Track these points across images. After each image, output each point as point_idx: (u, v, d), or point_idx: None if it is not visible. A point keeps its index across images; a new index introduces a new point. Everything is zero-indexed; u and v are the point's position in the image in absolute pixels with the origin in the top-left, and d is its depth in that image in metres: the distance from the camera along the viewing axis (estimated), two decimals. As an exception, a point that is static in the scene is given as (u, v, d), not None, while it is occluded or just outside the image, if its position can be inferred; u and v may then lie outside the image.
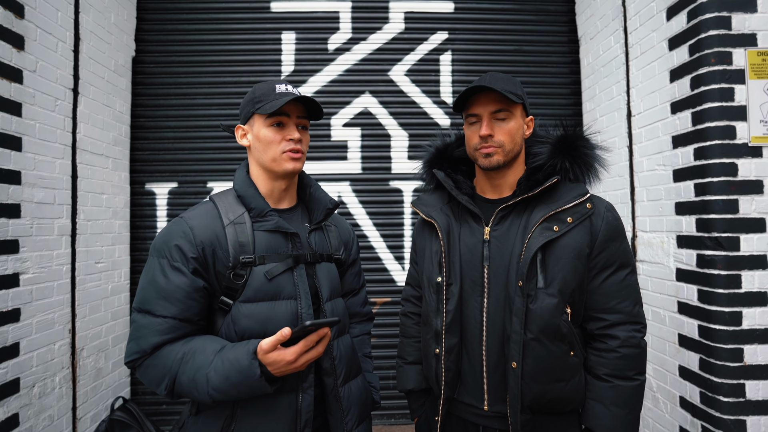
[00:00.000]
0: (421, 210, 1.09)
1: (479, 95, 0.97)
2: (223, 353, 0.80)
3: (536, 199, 0.97)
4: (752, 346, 1.57)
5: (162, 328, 0.83)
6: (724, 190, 1.61)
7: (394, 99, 2.67)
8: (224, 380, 0.78)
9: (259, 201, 0.93)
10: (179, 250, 0.85)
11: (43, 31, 1.84)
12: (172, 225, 0.89)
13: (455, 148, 1.14)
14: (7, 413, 1.61)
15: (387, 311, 2.61)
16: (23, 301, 1.71)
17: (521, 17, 2.71)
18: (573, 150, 0.99)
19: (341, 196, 2.64)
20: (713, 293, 1.61)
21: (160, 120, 2.60)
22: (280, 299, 0.89)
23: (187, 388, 0.81)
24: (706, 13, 1.65)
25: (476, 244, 0.99)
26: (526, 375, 0.90)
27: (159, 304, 0.84)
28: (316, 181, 1.09)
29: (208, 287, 0.87)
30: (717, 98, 1.62)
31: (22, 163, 1.72)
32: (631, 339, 0.93)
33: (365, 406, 1.01)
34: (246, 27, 2.65)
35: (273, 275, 0.88)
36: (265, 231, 0.91)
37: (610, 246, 0.95)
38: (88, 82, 2.14)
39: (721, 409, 1.58)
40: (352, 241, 1.14)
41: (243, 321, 0.86)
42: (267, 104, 0.90)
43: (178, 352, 0.82)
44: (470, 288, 0.99)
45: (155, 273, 0.86)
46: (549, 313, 0.89)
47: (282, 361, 0.78)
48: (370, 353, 1.18)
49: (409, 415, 2.54)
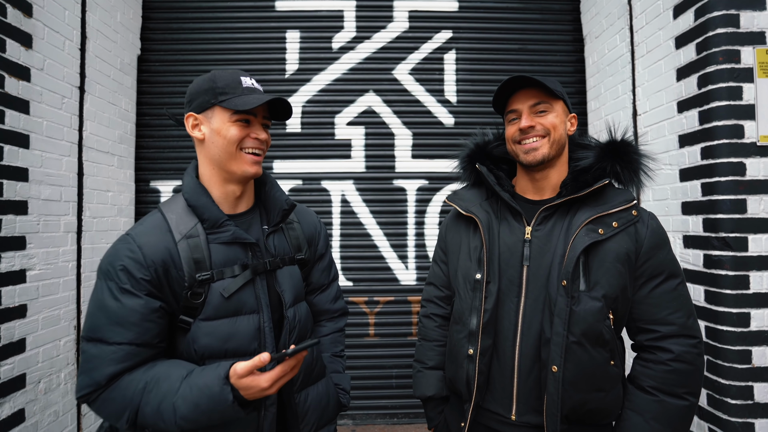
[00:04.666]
0: (459, 205, 1.05)
1: (518, 92, 0.96)
2: (191, 379, 0.74)
3: (580, 201, 0.94)
4: (760, 348, 1.55)
5: (117, 357, 0.75)
6: (732, 189, 1.59)
7: (398, 98, 2.67)
8: (193, 408, 0.72)
9: (213, 210, 0.84)
10: (127, 273, 0.77)
11: (51, 30, 1.86)
12: (119, 243, 0.81)
13: (495, 146, 1.11)
14: (13, 408, 1.62)
15: (390, 310, 2.61)
16: (30, 297, 1.73)
17: (526, 16, 2.70)
18: (624, 155, 0.97)
19: (345, 195, 2.64)
20: (720, 294, 1.60)
21: (165, 118, 2.61)
22: (242, 314, 0.84)
23: (151, 419, 0.74)
24: (713, 11, 1.63)
25: (516, 243, 0.96)
26: (567, 381, 0.86)
27: (112, 330, 0.76)
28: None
29: (165, 307, 0.80)
30: (725, 97, 1.61)
31: (30, 160, 1.74)
32: (686, 354, 0.88)
33: (326, 410, 0.97)
34: (250, 26, 2.66)
35: (230, 292, 0.82)
36: (221, 243, 0.84)
37: (657, 254, 0.91)
38: (95, 80, 2.16)
39: (728, 411, 1.56)
40: (318, 236, 1.06)
41: (203, 339, 0.80)
42: (235, 99, 0.83)
43: (140, 381, 0.75)
44: (507, 288, 0.95)
45: (104, 297, 0.77)
46: (593, 317, 0.86)
47: (256, 387, 0.72)
48: (342, 352, 1.12)
49: (411, 415, 2.55)
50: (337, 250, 2.61)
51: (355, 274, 2.61)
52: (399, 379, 2.55)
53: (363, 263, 2.62)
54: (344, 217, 2.63)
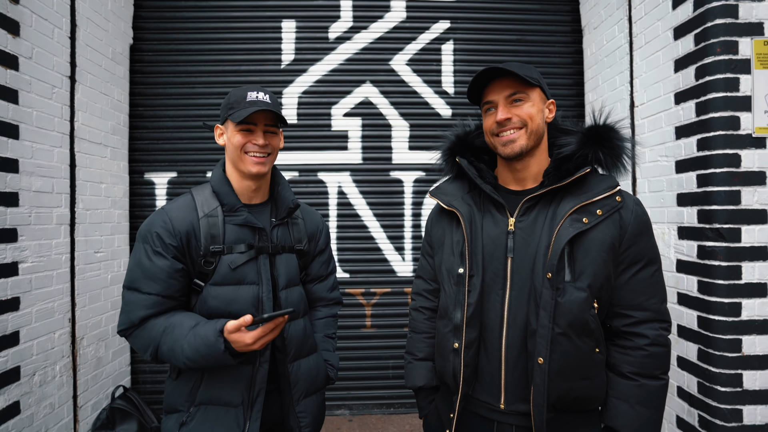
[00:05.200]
0: (441, 199, 1.05)
1: (493, 83, 0.95)
2: (196, 329, 0.94)
3: (564, 190, 0.94)
4: (750, 337, 1.58)
5: (148, 303, 0.97)
6: (727, 181, 1.60)
7: (395, 89, 2.64)
8: (195, 352, 0.92)
9: (231, 198, 1.05)
10: (159, 238, 0.98)
11: (39, 17, 1.81)
12: (155, 215, 1.03)
13: (476, 136, 1.09)
14: (8, 401, 1.62)
15: (386, 302, 2.62)
16: (22, 289, 1.71)
17: (524, 6, 2.68)
18: (605, 141, 0.96)
19: (341, 187, 2.63)
20: (713, 284, 1.62)
21: (158, 109, 2.57)
22: (244, 284, 1.03)
23: (167, 355, 0.97)
24: (712, 1, 1.62)
25: (500, 235, 0.96)
26: (553, 371, 0.87)
27: (145, 282, 0.98)
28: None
29: (185, 269, 1.01)
30: (722, 88, 1.61)
31: (20, 152, 1.71)
32: (659, 338, 0.91)
33: (314, 381, 1.14)
34: (246, 15, 2.61)
35: (236, 265, 1.02)
36: (234, 225, 1.04)
37: (640, 241, 0.92)
38: (86, 69, 2.11)
39: (718, 398, 1.59)
40: (319, 233, 1.24)
41: (211, 301, 1.00)
42: (237, 112, 1.01)
43: (161, 325, 0.97)
44: (491, 280, 0.95)
45: (141, 256, 0.99)
46: (578, 307, 0.86)
47: (242, 342, 0.91)
48: (334, 334, 1.30)
49: (407, 405, 2.57)
50: (334, 242, 2.60)
51: (352, 266, 2.62)
52: (395, 370, 2.57)
53: (360, 255, 2.62)
54: (341, 209, 2.62)
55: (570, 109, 2.67)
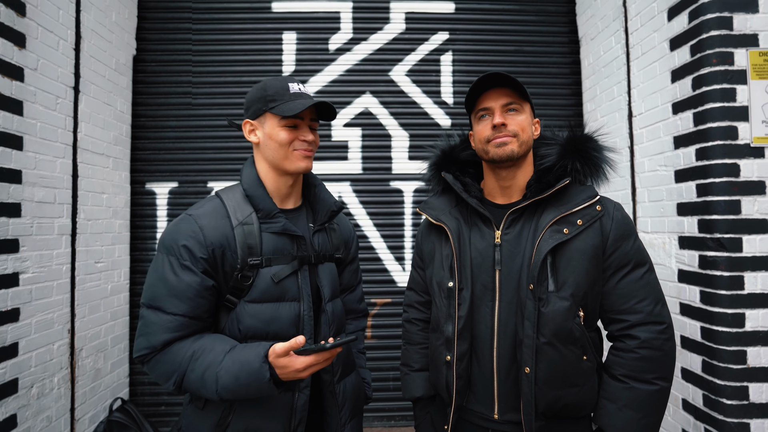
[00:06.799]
0: (429, 214, 1.07)
1: (489, 91, 0.97)
2: (233, 354, 0.82)
3: (546, 201, 0.96)
4: (755, 348, 1.56)
5: (172, 326, 0.84)
6: (727, 190, 1.60)
7: (394, 99, 2.67)
8: (234, 380, 0.80)
9: (268, 202, 0.93)
10: (188, 251, 0.85)
11: (45, 29, 1.84)
12: (181, 222, 0.89)
13: (461, 150, 1.11)
14: (5, 414, 1.60)
15: (387, 312, 2.60)
16: (22, 300, 1.71)
17: (522, 18, 2.72)
18: (582, 151, 0.98)
19: (342, 196, 2.64)
20: (716, 295, 1.61)
21: (160, 119, 2.60)
22: (285, 301, 0.90)
23: (195, 385, 0.82)
24: (707, 13, 1.64)
25: (487, 248, 0.97)
26: (540, 380, 0.88)
27: (170, 301, 0.84)
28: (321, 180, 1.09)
29: (216, 286, 0.88)
30: (719, 99, 1.62)
31: (23, 162, 1.72)
32: (653, 340, 0.89)
33: (359, 401, 1.04)
34: (247, 27, 2.65)
35: (280, 278, 0.89)
36: (272, 233, 0.92)
37: (623, 245, 0.93)
38: (89, 80, 2.14)
39: (724, 411, 1.57)
40: (352, 240, 1.16)
41: (247, 320, 0.87)
42: (282, 105, 0.90)
43: (188, 349, 0.84)
44: (481, 293, 0.97)
45: (165, 271, 0.85)
46: (561, 317, 0.88)
47: (291, 368, 0.79)
48: (364, 349, 1.21)
49: (408, 417, 2.54)
50: (334, 251, 2.60)
51: (352, 276, 2.61)
52: (396, 381, 2.54)
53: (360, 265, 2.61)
54: (341, 218, 2.62)
55: (569, 119, 2.68)
